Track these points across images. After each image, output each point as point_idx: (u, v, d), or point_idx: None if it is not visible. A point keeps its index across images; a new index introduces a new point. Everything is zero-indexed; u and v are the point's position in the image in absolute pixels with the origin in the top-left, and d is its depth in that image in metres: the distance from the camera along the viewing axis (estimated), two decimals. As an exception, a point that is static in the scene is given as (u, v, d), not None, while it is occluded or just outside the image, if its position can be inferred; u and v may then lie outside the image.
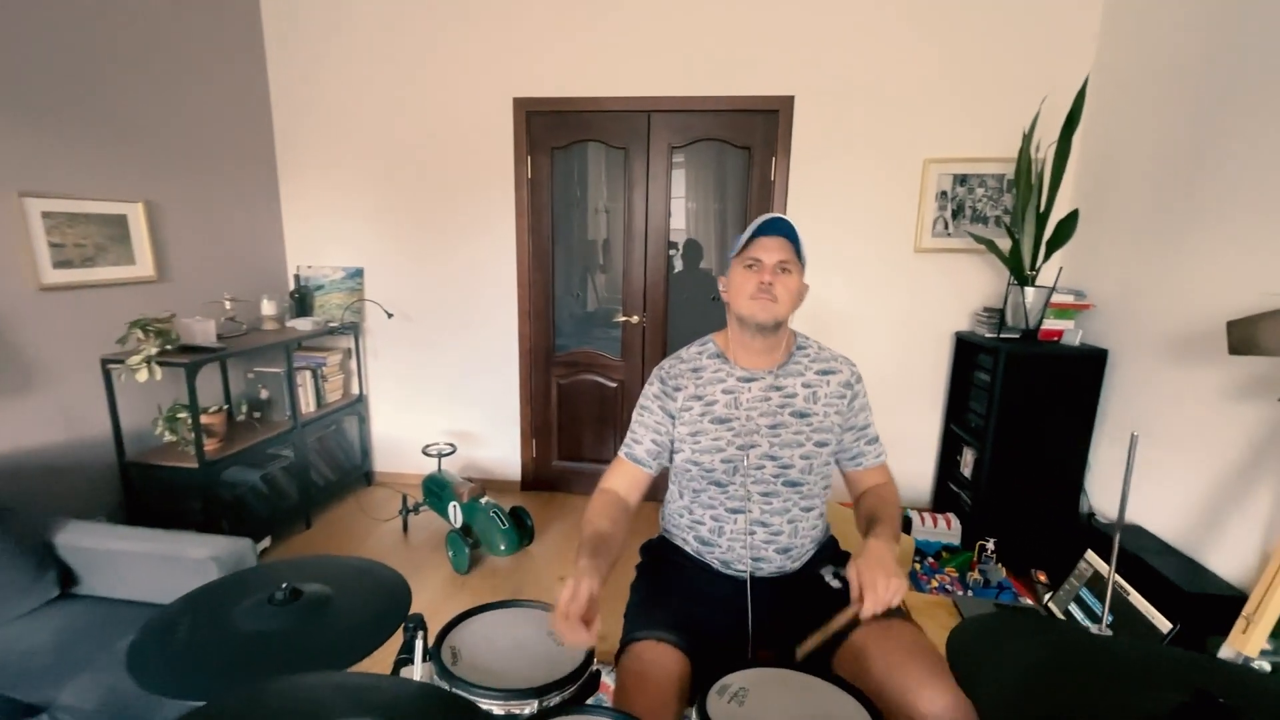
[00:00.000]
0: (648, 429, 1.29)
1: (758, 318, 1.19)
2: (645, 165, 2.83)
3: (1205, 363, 1.86)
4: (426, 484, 2.76)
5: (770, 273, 1.18)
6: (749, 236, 1.21)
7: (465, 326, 3.10)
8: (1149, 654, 0.54)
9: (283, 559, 1.02)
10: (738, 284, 1.22)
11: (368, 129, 2.95)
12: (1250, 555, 1.70)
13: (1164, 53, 2.08)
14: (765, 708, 0.91)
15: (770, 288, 1.17)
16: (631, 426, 1.33)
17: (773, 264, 1.18)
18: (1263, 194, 1.68)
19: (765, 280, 1.17)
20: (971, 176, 2.60)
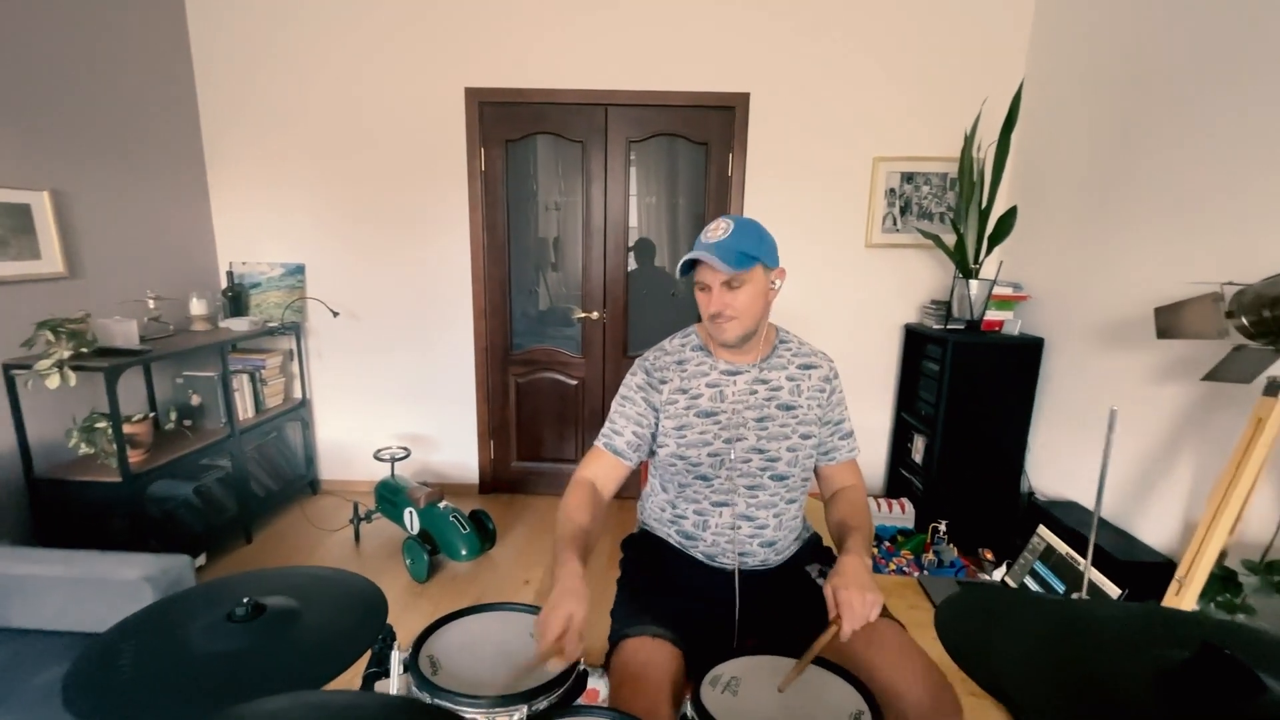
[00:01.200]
0: (629, 420, 1.25)
1: (722, 338, 1.19)
2: (604, 159, 2.80)
3: (1133, 348, 2.01)
4: (379, 490, 2.63)
5: (719, 299, 1.14)
6: (686, 262, 1.15)
7: (417, 325, 2.97)
8: (1143, 614, 0.56)
9: (243, 571, 0.94)
10: (697, 300, 1.19)
11: (307, 117, 2.78)
12: (1174, 524, 1.84)
13: (1089, 61, 2.23)
14: (758, 696, 0.90)
15: (723, 312, 1.14)
16: (611, 417, 1.28)
17: (719, 285, 1.13)
18: (1181, 192, 1.83)
19: (713, 311, 1.15)
20: (918, 174, 2.71)
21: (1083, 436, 2.23)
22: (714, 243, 1.13)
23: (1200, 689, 0.46)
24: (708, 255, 1.10)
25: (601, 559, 2.57)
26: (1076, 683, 0.49)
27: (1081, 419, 2.24)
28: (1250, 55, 1.63)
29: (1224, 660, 0.45)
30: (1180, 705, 0.45)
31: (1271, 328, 1.38)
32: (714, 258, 1.09)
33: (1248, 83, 1.63)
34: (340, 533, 2.71)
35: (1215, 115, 1.73)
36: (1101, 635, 0.54)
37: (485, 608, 1.09)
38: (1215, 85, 1.73)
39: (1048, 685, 0.50)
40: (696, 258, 1.13)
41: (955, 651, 0.64)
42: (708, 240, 1.14)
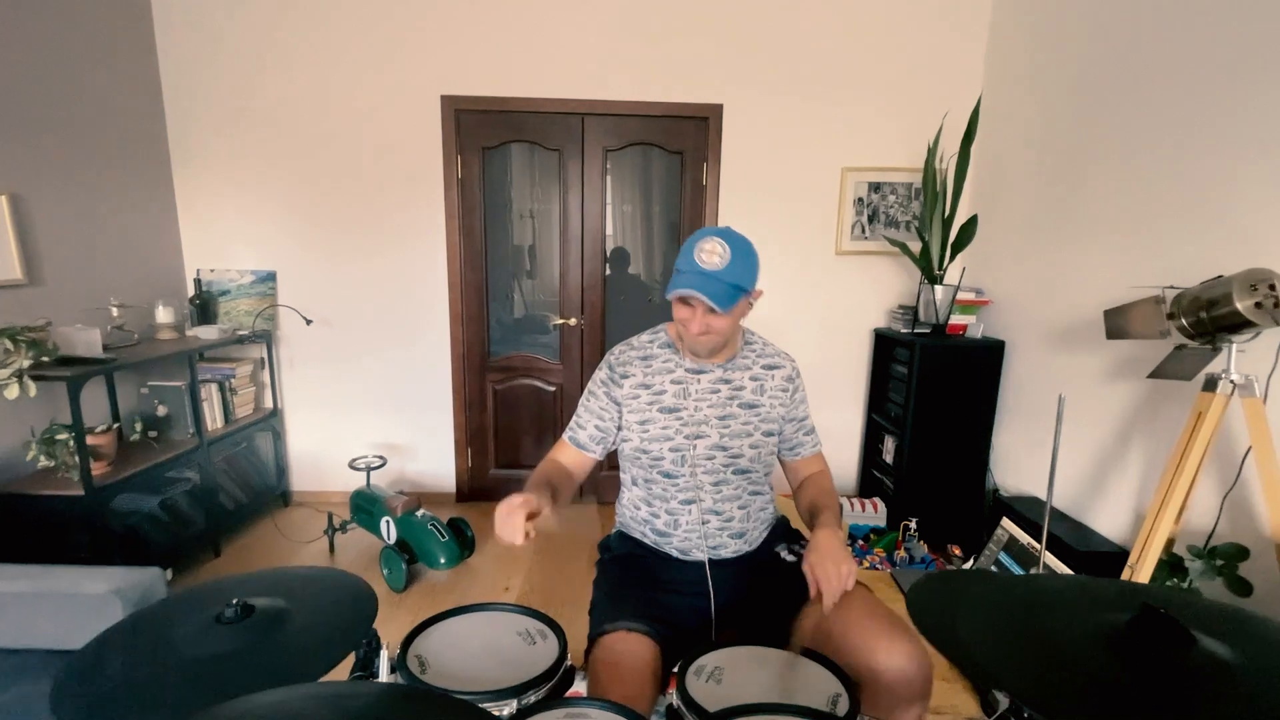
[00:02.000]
0: (592, 414, 1.30)
1: (696, 352, 1.24)
2: (580, 168, 2.84)
3: (1085, 349, 2.12)
4: (355, 500, 2.59)
5: (701, 320, 1.16)
6: (671, 288, 1.14)
7: (393, 332, 2.95)
8: (1091, 585, 0.61)
9: (230, 574, 0.93)
10: (676, 314, 1.20)
11: (279, 120, 2.75)
12: (1126, 514, 1.94)
13: (1040, 78, 2.36)
14: (742, 683, 0.93)
15: (704, 334, 1.18)
16: (577, 410, 1.34)
17: (704, 309, 1.15)
18: (1127, 202, 1.95)
19: (695, 331, 1.17)
20: (884, 184, 2.81)
21: (1042, 434, 2.34)
22: (710, 272, 1.11)
23: (1141, 645, 0.51)
24: (699, 295, 1.10)
25: (581, 561, 2.58)
26: (1033, 645, 0.54)
27: (1040, 417, 2.35)
28: (1187, 77, 1.76)
29: (1161, 619, 0.50)
30: (1124, 659, 0.50)
31: (1208, 328, 1.48)
32: (706, 298, 1.10)
33: (1184, 102, 1.76)
34: (314, 544, 2.66)
35: (1156, 132, 1.85)
36: (1054, 604, 0.59)
37: (470, 608, 1.10)
38: (1155, 104, 1.85)
39: (1008, 649, 0.54)
40: (683, 293, 1.12)
41: (925, 628, 0.68)
42: (703, 265, 1.12)
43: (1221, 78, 1.65)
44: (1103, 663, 0.50)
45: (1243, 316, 1.39)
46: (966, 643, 0.54)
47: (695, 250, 1.13)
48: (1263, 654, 0.48)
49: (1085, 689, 0.48)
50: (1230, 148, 1.62)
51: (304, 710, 0.57)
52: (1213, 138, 1.67)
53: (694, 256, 1.13)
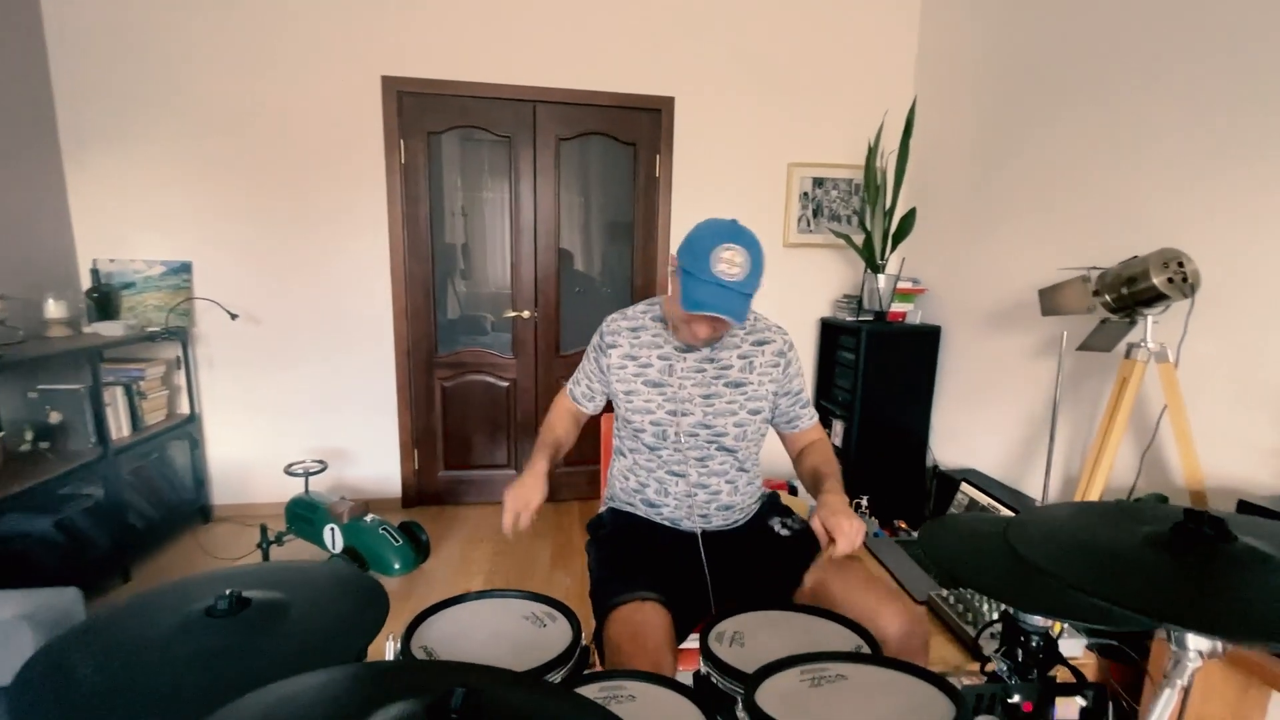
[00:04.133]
0: (586, 375, 1.39)
1: (686, 344, 1.25)
2: (533, 156, 2.77)
3: (1014, 330, 2.32)
4: (293, 509, 2.38)
5: (708, 325, 1.15)
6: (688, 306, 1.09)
7: (330, 328, 2.74)
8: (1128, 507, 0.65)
9: (203, 572, 0.82)
10: (674, 308, 1.17)
11: (196, 99, 2.49)
12: (1056, 479, 2.13)
13: (968, 78, 2.57)
14: (765, 645, 0.93)
15: (712, 337, 1.19)
16: (580, 364, 1.41)
17: (711, 320, 1.13)
18: (1051, 191, 2.15)
19: (703, 338, 1.17)
20: (827, 180, 2.94)
21: (978, 411, 2.53)
22: (730, 285, 1.06)
23: (1186, 545, 0.55)
24: (727, 314, 1.07)
25: (544, 558, 2.50)
26: (1088, 554, 0.57)
27: (976, 396, 2.54)
28: (1098, 78, 1.96)
29: (1205, 519, 0.54)
30: (1173, 556, 0.53)
31: (1128, 303, 1.65)
32: (730, 319, 1.07)
33: (1097, 100, 1.96)
34: (245, 560, 2.42)
35: (1073, 127, 2.05)
36: (1097, 524, 0.63)
37: (468, 596, 1.03)
38: (1072, 102, 2.06)
39: (1067, 557, 0.57)
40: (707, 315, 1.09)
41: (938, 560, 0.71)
42: (722, 277, 1.06)
43: (1128, 79, 1.86)
44: (1154, 561, 0.54)
45: (1158, 291, 1.56)
46: (1030, 556, 0.56)
47: (713, 259, 1.05)
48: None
49: (1144, 582, 0.51)
50: (1138, 141, 1.82)
51: (350, 688, 0.51)
52: (1123, 132, 1.87)
53: (712, 267, 1.05)
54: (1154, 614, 0.47)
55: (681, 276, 1.11)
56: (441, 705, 0.44)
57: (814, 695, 0.66)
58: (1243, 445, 1.55)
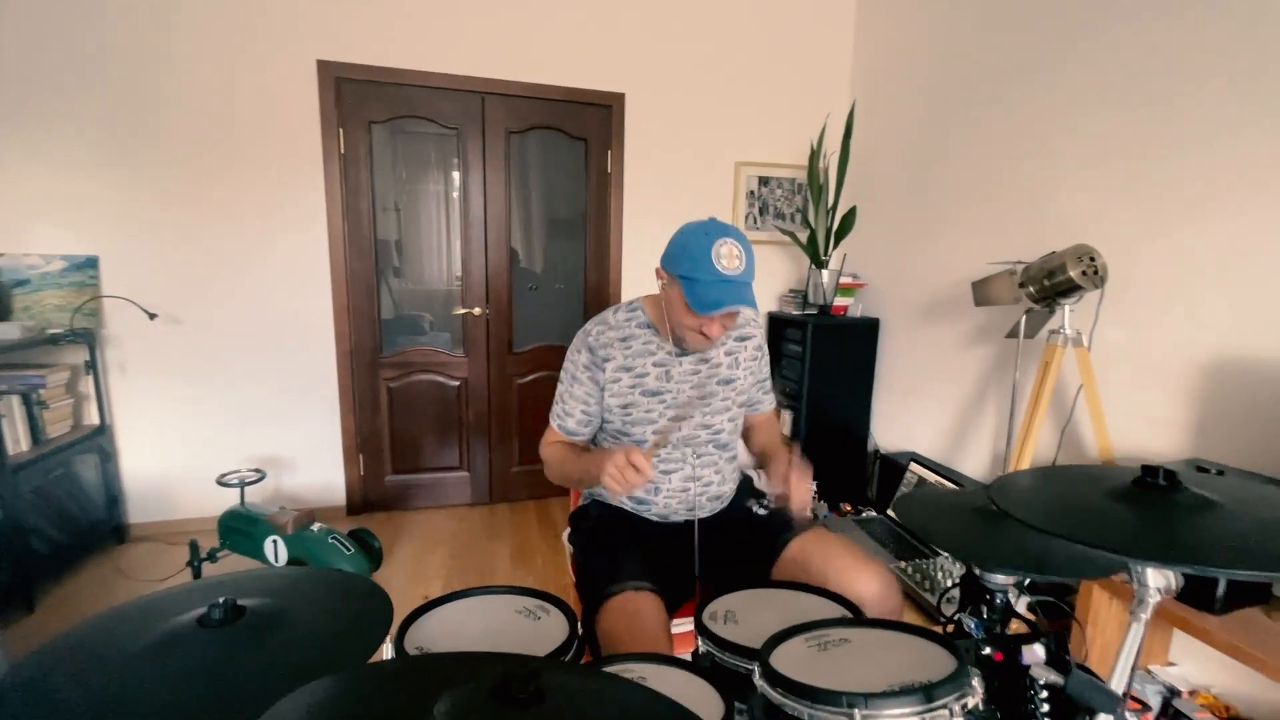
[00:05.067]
0: (578, 401, 1.28)
1: (697, 350, 1.24)
2: (481, 149, 2.70)
3: (946, 321, 2.50)
4: (227, 522, 2.21)
5: (720, 326, 1.15)
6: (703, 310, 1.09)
7: (264, 327, 2.57)
8: (1097, 470, 0.73)
9: (194, 582, 0.75)
10: (680, 318, 1.16)
11: (105, 74, 2.26)
12: (985, 457, 2.32)
13: (902, 82, 2.74)
14: (758, 621, 0.97)
15: (718, 337, 1.17)
16: (560, 395, 1.30)
17: (722, 316, 1.14)
18: (980, 193, 2.33)
19: (714, 334, 1.15)
20: (772, 179, 3.06)
21: (914, 398, 2.70)
22: (735, 279, 1.08)
23: (1143, 495, 0.62)
24: (744, 305, 1.09)
25: (502, 558, 2.46)
26: (1064, 507, 0.64)
27: (912, 383, 2.72)
28: (1020, 85, 2.15)
29: (1157, 473, 0.62)
30: (1132, 505, 0.61)
31: (1049, 293, 1.82)
32: (745, 306, 1.09)
33: (1018, 107, 2.15)
34: (173, 580, 2.22)
35: (998, 130, 2.24)
36: (1074, 480, 0.71)
37: (456, 595, 1.01)
38: (996, 107, 2.24)
39: (1048, 509, 0.63)
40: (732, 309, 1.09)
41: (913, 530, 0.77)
42: (726, 271, 1.08)
43: (1044, 90, 2.05)
44: (1119, 510, 0.62)
45: (1073, 282, 1.74)
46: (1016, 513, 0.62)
47: (714, 257, 1.07)
48: (1236, 494, 0.61)
49: (1107, 525, 0.59)
50: (1054, 146, 2.02)
51: (414, 681, 0.50)
52: (1041, 137, 2.06)
53: (715, 265, 1.07)
54: (1124, 552, 0.54)
55: (684, 284, 1.10)
56: (503, 689, 0.43)
57: (824, 658, 0.70)
58: (1144, 418, 1.75)
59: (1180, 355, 1.66)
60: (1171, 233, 1.68)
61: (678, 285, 1.13)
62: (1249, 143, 1.50)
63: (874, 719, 0.54)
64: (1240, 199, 1.52)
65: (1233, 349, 1.54)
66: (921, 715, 0.55)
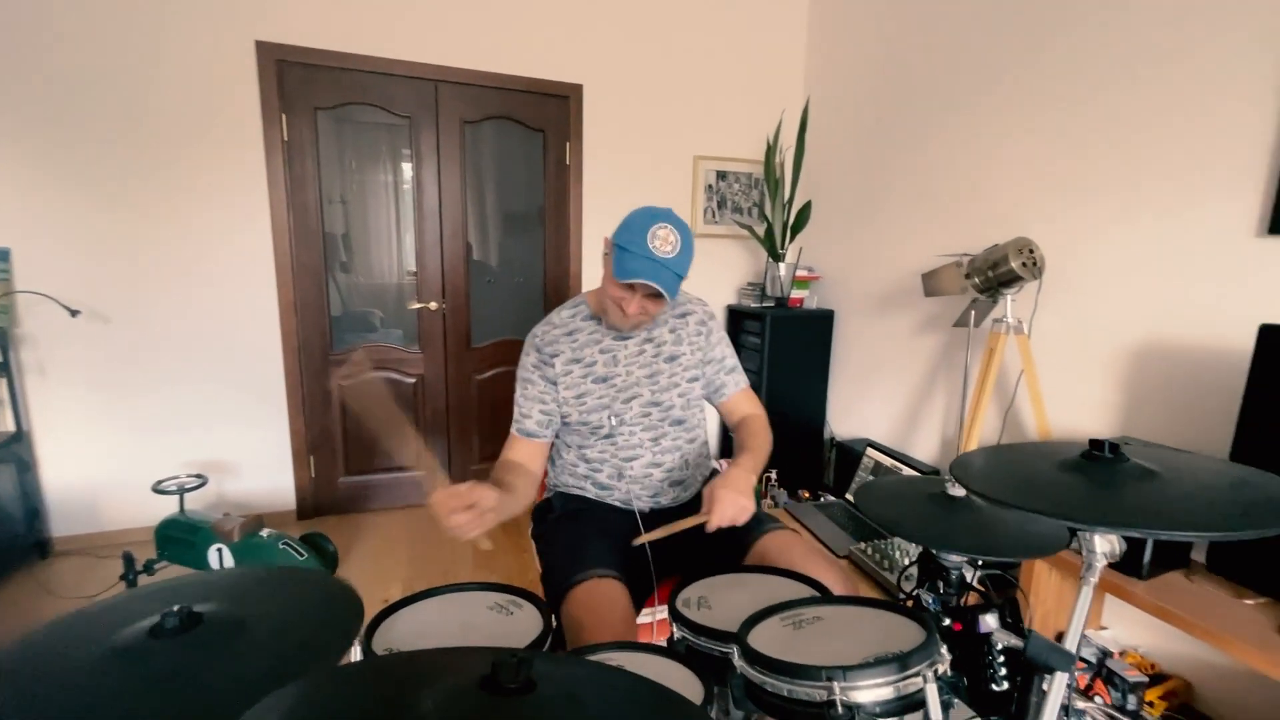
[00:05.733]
0: (533, 401, 1.29)
1: (615, 327, 1.26)
2: (435, 138, 2.62)
3: (897, 312, 2.59)
4: (165, 531, 2.09)
5: (640, 306, 1.17)
6: (621, 275, 1.12)
7: (202, 324, 2.42)
8: (1046, 446, 0.77)
9: (140, 589, 0.70)
10: (608, 286, 1.19)
11: (12, 50, 2.07)
12: (935, 441, 2.43)
13: (854, 80, 2.82)
14: (731, 604, 0.98)
15: (640, 316, 1.20)
16: (516, 401, 1.31)
17: (643, 294, 1.16)
18: (928, 188, 2.43)
19: (633, 316, 1.18)
20: (730, 173, 3.09)
21: (868, 386, 2.80)
22: (662, 260, 1.11)
23: (1090, 466, 0.66)
24: (655, 286, 1.10)
25: (463, 557, 2.41)
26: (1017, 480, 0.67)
27: (865, 372, 2.81)
28: (964, 85, 2.25)
29: (1103, 445, 0.66)
30: (1080, 474, 0.65)
31: (992, 284, 1.92)
32: (661, 287, 1.11)
33: (962, 105, 2.25)
34: (107, 596, 2.07)
35: (945, 127, 2.33)
36: (1026, 459, 0.74)
37: (425, 594, 0.98)
38: (944, 105, 2.33)
39: (1003, 483, 0.67)
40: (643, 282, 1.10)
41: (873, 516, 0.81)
42: (656, 252, 1.11)
43: (986, 88, 2.15)
44: (1069, 480, 0.66)
45: (1015, 273, 1.83)
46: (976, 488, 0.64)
47: (649, 235, 1.11)
48: (1172, 464, 0.66)
49: (1061, 495, 0.62)
50: (995, 143, 2.12)
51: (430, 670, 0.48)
52: (984, 135, 2.16)
53: (647, 242, 1.11)
54: (1079, 519, 0.58)
55: (616, 253, 1.14)
56: (493, 680, 0.43)
57: (800, 636, 0.72)
58: (1080, 400, 1.87)
59: (1111, 341, 1.78)
60: (1102, 227, 1.80)
61: (612, 253, 1.17)
62: (1170, 144, 1.61)
63: (852, 690, 0.56)
64: (1163, 196, 1.64)
65: (1156, 335, 1.66)
66: (896, 684, 0.57)
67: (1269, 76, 1.40)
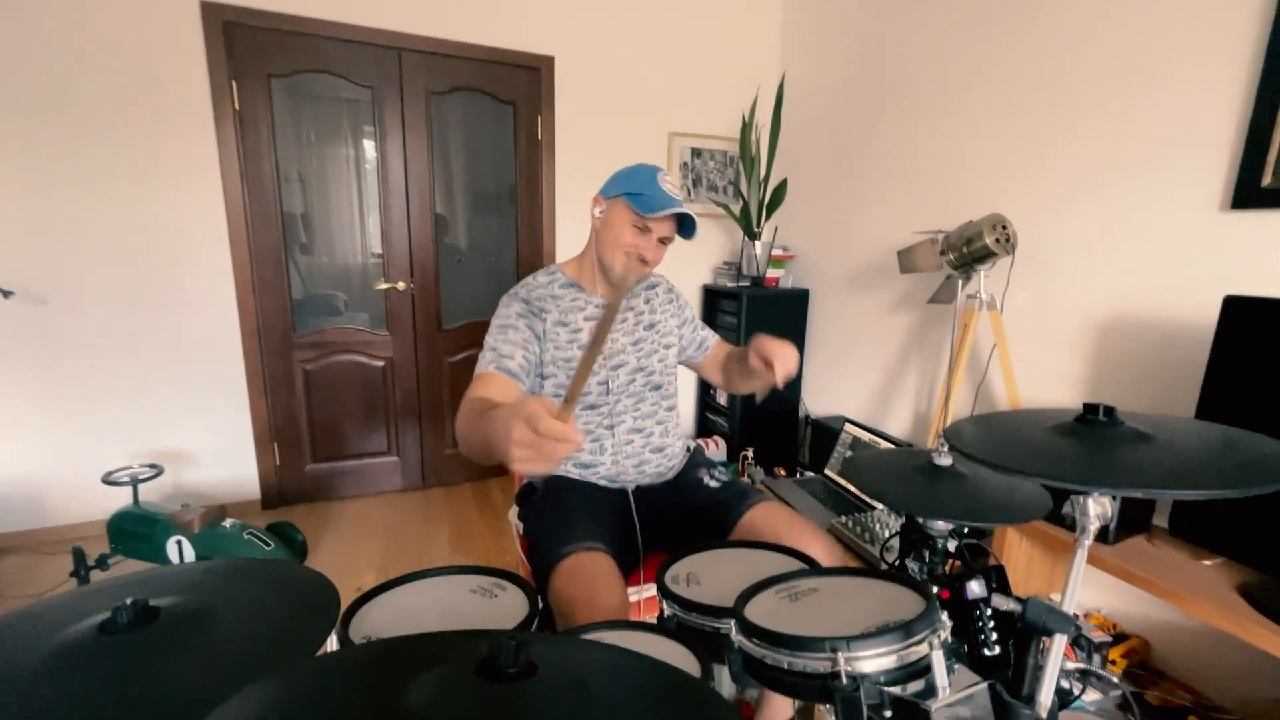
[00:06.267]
0: (517, 345, 1.19)
1: (626, 279, 1.25)
2: (400, 110, 2.50)
3: (871, 290, 2.61)
4: (118, 525, 1.98)
5: (654, 249, 1.22)
6: (650, 210, 1.15)
7: (151, 305, 2.28)
8: (1040, 413, 0.77)
9: (90, 585, 0.64)
10: (617, 234, 1.21)
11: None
12: (908, 416, 2.47)
13: (830, 58, 2.79)
14: (719, 580, 0.97)
15: (650, 262, 1.23)
16: (493, 344, 1.19)
17: (658, 238, 1.21)
18: (904, 165, 2.43)
19: (648, 256, 1.21)
20: (705, 151, 3.05)
21: (842, 365, 2.83)
22: (679, 200, 1.17)
23: (1084, 430, 0.66)
24: (684, 211, 1.17)
25: (439, 540, 2.36)
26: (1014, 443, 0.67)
27: (840, 351, 2.83)
28: (941, 62, 2.24)
29: (1097, 409, 0.66)
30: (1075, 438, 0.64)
31: (967, 260, 1.94)
32: (691, 214, 1.18)
33: (939, 83, 2.25)
34: (55, 594, 1.96)
35: (920, 105, 2.33)
36: (1019, 424, 0.74)
37: (403, 580, 0.94)
38: (919, 83, 2.33)
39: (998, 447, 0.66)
40: (677, 211, 1.16)
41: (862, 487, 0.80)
42: (673, 195, 1.17)
43: (961, 67, 2.15)
44: (1064, 444, 0.66)
45: (988, 249, 1.85)
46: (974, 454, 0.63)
47: (660, 180, 1.17)
48: (1167, 430, 0.66)
49: (1056, 457, 0.62)
50: (970, 120, 2.13)
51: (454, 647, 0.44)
52: (959, 112, 2.17)
53: (661, 185, 1.17)
54: (1076, 481, 0.58)
55: (629, 198, 1.17)
56: (490, 664, 0.39)
57: (797, 608, 0.70)
58: (1048, 374, 1.91)
59: (1079, 316, 1.82)
60: (1071, 203, 1.83)
61: (620, 203, 1.19)
62: (1137, 120, 1.64)
63: (856, 660, 0.55)
64: (1130, 173, 1.67)
65: (1123, 310, 1.70)
66: (900, 652, 0.56)
67: (1236, 52, 1.43)
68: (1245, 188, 1.44)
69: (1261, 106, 1.40)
